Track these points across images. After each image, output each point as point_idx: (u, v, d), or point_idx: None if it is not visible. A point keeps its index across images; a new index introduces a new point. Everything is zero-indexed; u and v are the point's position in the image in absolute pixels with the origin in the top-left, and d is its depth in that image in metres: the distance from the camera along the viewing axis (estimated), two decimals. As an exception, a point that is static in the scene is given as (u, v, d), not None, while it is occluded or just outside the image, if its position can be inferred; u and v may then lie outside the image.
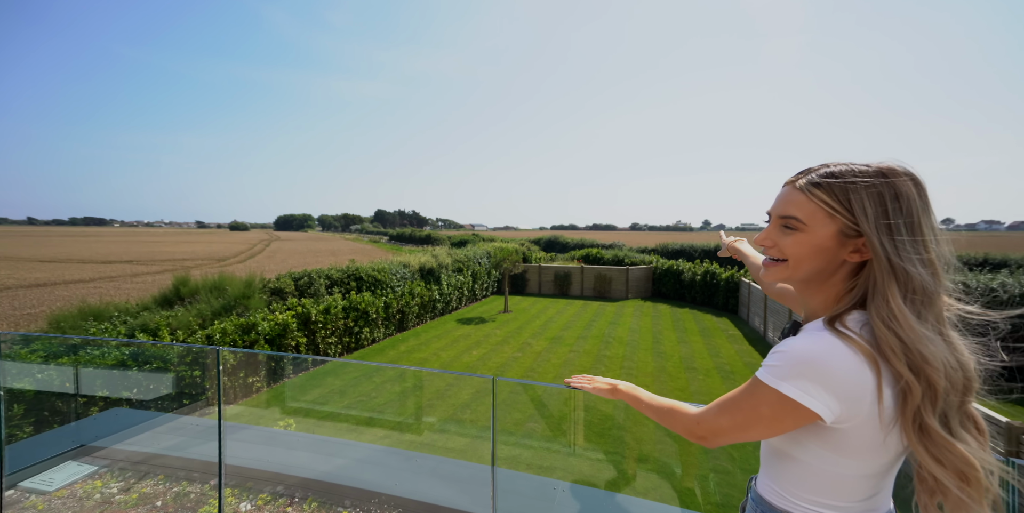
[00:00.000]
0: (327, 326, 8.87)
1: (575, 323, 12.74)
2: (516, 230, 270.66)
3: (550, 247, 31.02)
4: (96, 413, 3.17)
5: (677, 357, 9.51)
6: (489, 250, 17.57)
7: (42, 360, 5.28)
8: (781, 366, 0.66)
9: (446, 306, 13.75)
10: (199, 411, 4.31)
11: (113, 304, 8.65)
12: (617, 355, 9.57)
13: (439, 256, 14.26)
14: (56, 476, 2.25)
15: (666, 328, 12.29)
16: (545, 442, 5.37)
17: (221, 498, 1.70)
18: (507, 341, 10.60)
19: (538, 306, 15.46)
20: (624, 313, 14.36)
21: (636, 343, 10.60)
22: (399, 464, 2.40)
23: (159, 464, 2.34)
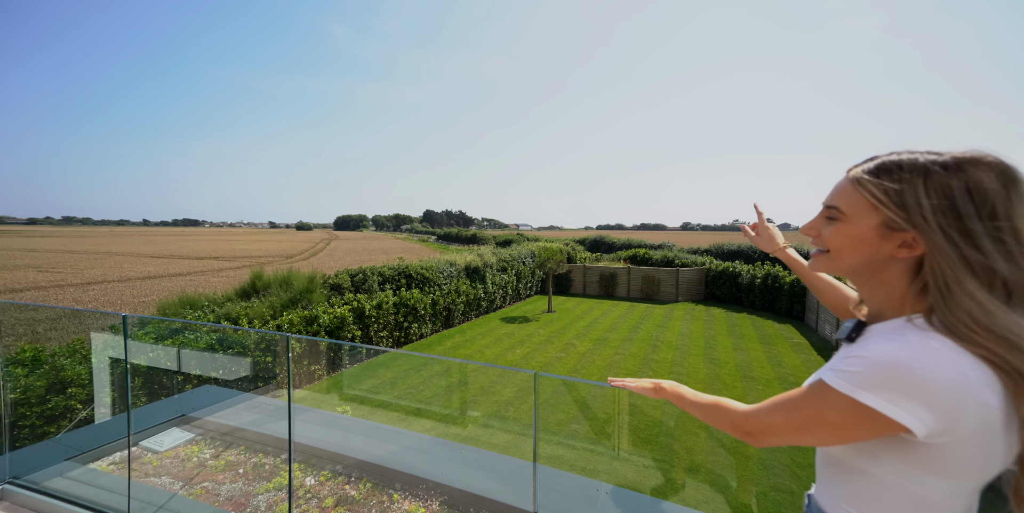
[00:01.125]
0: (379, 320, 9.42)
1: (621, 325, 12.40)
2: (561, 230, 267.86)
3: (595, 247, 30.40)
4: (192, 389, 3.66)
5: (732, 364, 8.92)
6: (533, 250, 17.62)
7: (152, 341, 6.17)
8: (861, 373, 0.60)
9: (490, 304, 14.01)
10: (271, 393, 4.80)
11: (204, 295, 9.85)
12: (666, 359, 9.19)
13: (484, 255, 14.56)
14: (165, 439, 2.65)
15: (720, 333, 11.57)
16: (588, 444, 5.30)
17: (291, 471, 1.90)
18: (550, 341, 10.58)
19: (582, 307, 15.24)
20: (674, 316, 13.72)
21: (687, 348, 10.10)
22: (445, 454, 2.52)
23: (240, 437, 2.66)
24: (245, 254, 37.21)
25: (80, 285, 18.29)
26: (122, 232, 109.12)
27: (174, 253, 37.36)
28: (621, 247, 27.91)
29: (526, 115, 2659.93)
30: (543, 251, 16.12)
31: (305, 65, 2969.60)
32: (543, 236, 42.50)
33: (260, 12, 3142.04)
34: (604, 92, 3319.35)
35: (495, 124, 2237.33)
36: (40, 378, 4.74)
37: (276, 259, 32.52)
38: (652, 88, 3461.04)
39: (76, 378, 4.84)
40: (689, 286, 16.73)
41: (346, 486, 2.23)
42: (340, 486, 2.22)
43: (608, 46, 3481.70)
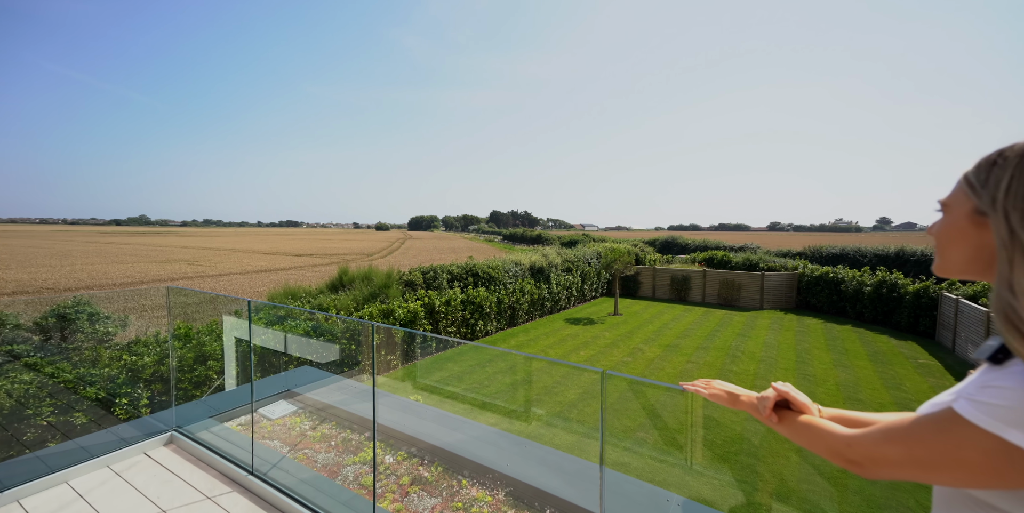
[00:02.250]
0: (448, 316, 9.94)
1: (694, 331, 11.54)
2: (628, 230, 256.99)
3: (667, 248, 28.63)
4: (293, 368, 4.24)
5: (832, 383, 7.80)
6: (599, 250, 17.17)
7: (264, 325, 7.23)
8: (1007, 407, 0.52)
9: (554, 305, 13.97)
10: (355, 377, 5.36)
11: (302, 288, 11.29)
12: (747, 372, 8.35)
13: (549, 256, 14.56)
14: (275, 409, 3.12)
15: (816, 347, 10.19)
16: (657, 453, 5.04)
17: (375, 448, 2.13)
18: (616, 345, 10.23)
19: (651, 310, 14.48)
20: (757, 325, 12.40)
21: (773, 360, 9.06)
22: (510, 447, 2.60)
23: (331, 413, 3.02)
24: (333, 252, 41.75)
25: (214, 276, 22.11)
26: (243, 232, 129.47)
27: (279, 250, 43.29)
28: (696, 249, 25.93)
29: (593, 113, 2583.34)
30: (609, 252, 15.63)
31: (385, 78, 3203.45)
32: (609, 237, 41.13)
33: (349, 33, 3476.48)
34: (675, 87, 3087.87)
35: (561, 123, 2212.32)
36: (190, 351, 5.84)
37: (359, 257, 35.98)
38: (729, 79, 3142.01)
39: (213, 353, 5.87)
40: (776, 292, 14.98)
41: (420, 467, 2.42)
42: (415, 467, 2.42)
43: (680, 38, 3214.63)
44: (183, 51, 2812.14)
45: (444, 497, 2.16)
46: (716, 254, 18.49)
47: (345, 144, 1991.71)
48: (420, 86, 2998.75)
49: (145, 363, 5.29)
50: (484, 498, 2.12)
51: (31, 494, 1.94)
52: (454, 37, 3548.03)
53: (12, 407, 4.18)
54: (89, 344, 5.93)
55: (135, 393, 5.08)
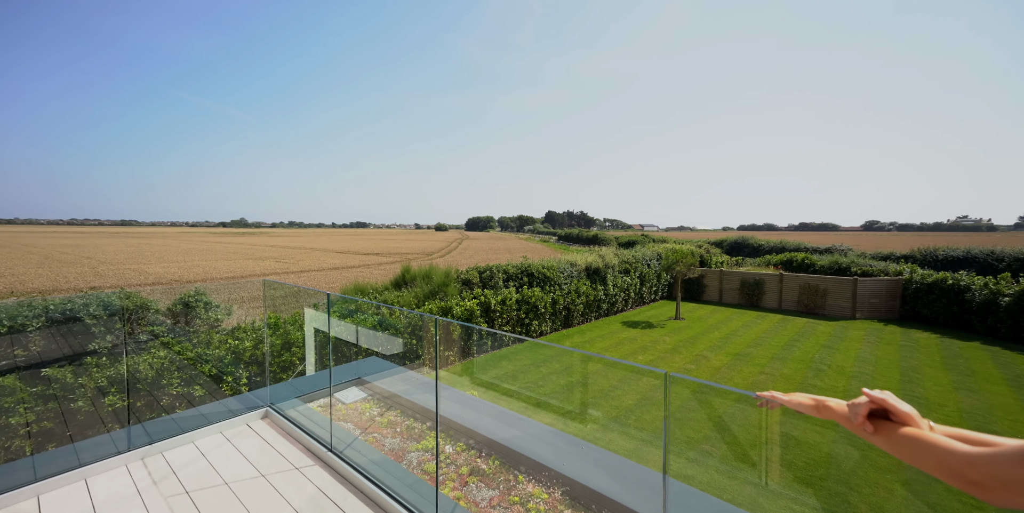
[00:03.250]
0: (503, 315, 10.11)
1: (768, 340, 10.50)
2: (693, 230, 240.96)
3: (736, 250, 26.38)
4: (363, 359, 4.61)
5: (953, 409, 6.63)
6: (660, 251, 16.34)
7: (338, 317, 7.92)
8: None
9: (611, 307, 13.56)
10: (417, 369, 5.67)
11: (369, 284, 12.22)
12: (834, 388, 7.40)
13: (606, 256, 14.18)
14: (348, 394, 3.43)
15: (928, 365, 8.73)
16: (725, 467, 4.68)
17: (437, 438, 2.25)
18: (678, 350, 9.66)
19: (717, 316, 13.43)
20: (848, 336, 10.93)
21: (869, 377, 7.94)
22: (567, 447, 2.58)
23: (396, 402, 3.24)
24: (397, 251, 44.51)
25: (296, 272, 24.77)
26: (320, 232, 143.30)
27: (350, 249, 47.18)
28: (771, 250, 23.56)
29: (653, 109, 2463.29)
30: (671, 253, 14.80)
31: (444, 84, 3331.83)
32: (671, 237, 38.94)
33: (412, 44, 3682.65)
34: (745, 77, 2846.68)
35: (620, 122, 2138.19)
36: (278, 338, 6.60)
37: (419, 256, 37.96)
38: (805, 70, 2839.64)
39: (296, 341, 6.59)
40: (874, 300, 13.09)
41: (478, 459, 2.50)
42: (473, 458, 2.51)
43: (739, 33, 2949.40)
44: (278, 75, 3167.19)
45: (501, 490, 2.21)
46: (796, 256, 16.64)
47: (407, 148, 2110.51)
48: (477, 89, 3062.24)
49: (245, 347, 6.10)
50: (540, 495, 2.13)
51: (170, 449, 2.37)
52: (512, 39, 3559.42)
53: (153, 377, 5.08)
54: (204, 328, 6.99)
55: (237, 372, 5.88)
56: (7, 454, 3.63)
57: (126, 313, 6.05)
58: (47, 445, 3.55)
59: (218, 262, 30.39)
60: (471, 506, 2.09)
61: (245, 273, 23.94)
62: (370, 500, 1.99)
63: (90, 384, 4.64)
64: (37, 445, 3.82)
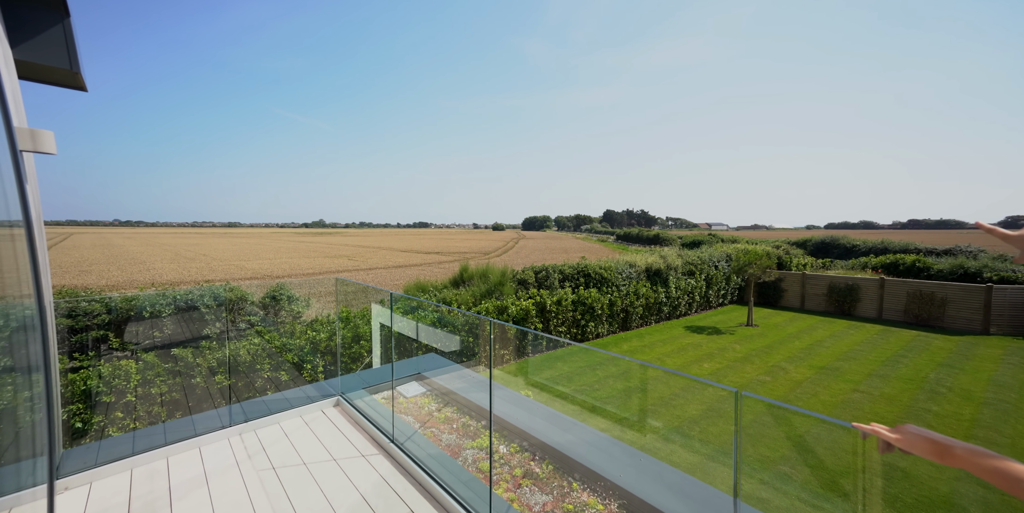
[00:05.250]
0: (559, 316, 10.00)
1: (863, 354, 9.16)
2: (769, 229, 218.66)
3: (823, 251, 23.43)
4: (423, 354, 4.84)
5: (1123, 454, 5.26)
6: (729, 252, 15.05)
7: (401, 314, 8.40)
8: None
9: (673, 310, 12.80)
10: (473, 367, 5.82)
11: (430, 282, 12.81)
12: (958, 415, 6.25)
13: (667, 257, 13.40)
14: (408, 389, 3.62)
15: (1092, 396, 7.00)
16: (808, 495, 4.16)
17: (491, 437, 2.28)
18: (749, 359, 8.82)
19: (797, 324, 12.03)
20: (977, 355, 9.17)
21: (1007, 406, 6.58)
22: (624, 458, 2.47)
23: (453, 399, 3.35)
24: (456, 250, 46.19)
25: (366, 270, 26.82)
26: (386, 232, 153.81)
27: (412, 248, 49.93)
28: (868, 251, 20.54)
29: (723, 103, 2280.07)
30: (742, 254, 13.55)
31: (507, 86, 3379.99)
32: (743, 237, 35.68)
33: (477, 48, 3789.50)
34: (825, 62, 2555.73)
35: (681, 117, 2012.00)
36: (348, 331, 7.18)
37: (477, 255, 39.01)
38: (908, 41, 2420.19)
39: (364, 334, 7.11)
40: (1015, 313, 10.82)
41: (531, 462, 2.49)
42: (526, 461, 2.51)
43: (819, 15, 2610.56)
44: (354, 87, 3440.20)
45: (555, 496, 2.18)
46: (903, 259, 14.32)
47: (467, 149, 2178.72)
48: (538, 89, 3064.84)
49: (321, 338, 6.73)
50: (595, 505, 2.07)
51: (262, 427, 2.71)
52: (574, 37, 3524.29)
53: (248, 361, 5.82)
54: (288, 320, 7.87)
55: (315, 360, 6.51)
56: (149, 417, 4.41)
57: (230, 304, 7.00)
58: (176, 413, 4.23)
59: (300, 259, 33.99)
60: (524, 509, 2.09)
61: (322, 269, 26.48)
62: (427, 493, 2.08)
63: (204, 364, 5.46)
64: (169, 412, 4.58)
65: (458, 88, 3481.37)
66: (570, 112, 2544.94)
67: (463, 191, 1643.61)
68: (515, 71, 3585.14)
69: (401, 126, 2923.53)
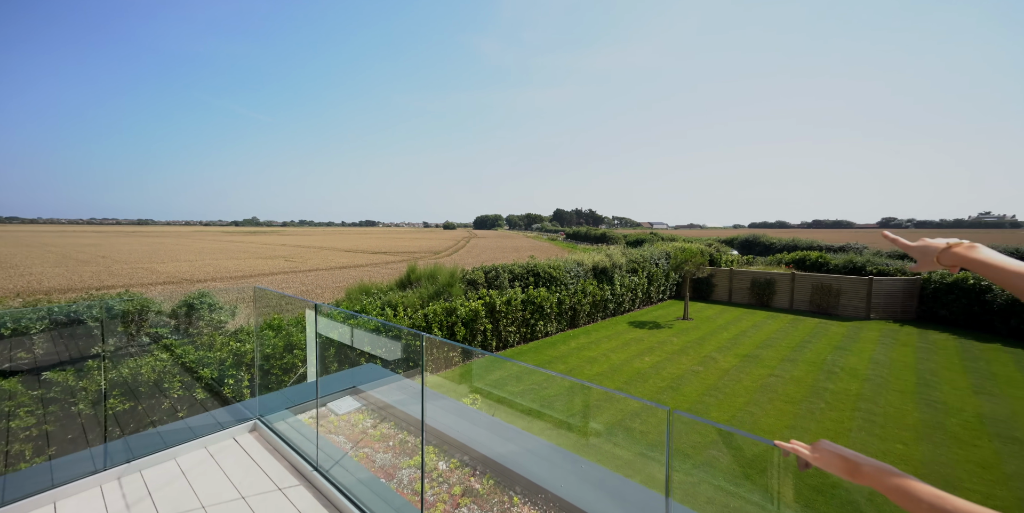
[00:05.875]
0: (508, 316, 9.99)
1: (779, 341, 10.23)
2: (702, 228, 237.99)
3: (747, 248, 25.88)
4: (360, 366, 4.53)
5: (971, 414, 6.35)
6: (668, 250, 16.05)
7: (341, 320, 7.86)
8: None
9: (618, 307, 13.37)
10: (414, 377, 5.59)
11: (375, 284, 12.19)
12: (847, 391, 7.15)
13: (613, 256, 13.96)
14: (342, 405, 3.34)
15: (946, 368, 8.40)
16: (731, 483, 4.50)
17: (423, 453, 2.14)
18: (685, 351, 9.45)
19: (726, 316, 13.15)
20: (862, 338, 10.61)
21: (884, 381, 7.66)
22: (566, 465, 2.45)
23: (391, 413, 3.14)
24: (404, 250, 44.66)
25: (305, 271, 24.96)
26: (329, 231, 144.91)
27: (359, 248, 47.48)
28: (783, 248, 23.04)
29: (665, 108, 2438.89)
30: (680, 252, 14.51)
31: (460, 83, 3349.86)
32: (680, 235, 38.41)
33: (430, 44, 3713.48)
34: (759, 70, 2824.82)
35: (629, 119, 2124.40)
36: (281, 340, 6.56)
37: (426, 254, 38.01)
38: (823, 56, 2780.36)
39: (299, 343, 6.54)
40: (890, 300, 12.69)
41: (471, 478, 2.39)
42: (467, 477, 2.40)
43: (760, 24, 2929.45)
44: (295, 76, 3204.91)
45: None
46: (809, 255, 16.21)
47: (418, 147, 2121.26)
48: (492, 88, 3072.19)
49: (247, 349, 6.08)
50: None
51: (149, 466, 2.30)
52: (526, 38, 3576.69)
53: (153, 381, 5.06)
54: (208, 330, 7.01)
55: (240, 375, 5.85)
56: (6, 459, 3.63)
57: (129, 315, 6.08)
58: (41, 454, 3.53)
59: (228, 261, 30.81)
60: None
61: (255, 272, 24.22)
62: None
63: (91, 388, 4.65)
64: (37, 449, 3.82)
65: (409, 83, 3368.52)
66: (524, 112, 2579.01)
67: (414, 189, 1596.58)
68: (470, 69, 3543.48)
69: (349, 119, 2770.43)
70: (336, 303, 10.93)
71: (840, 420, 6.17)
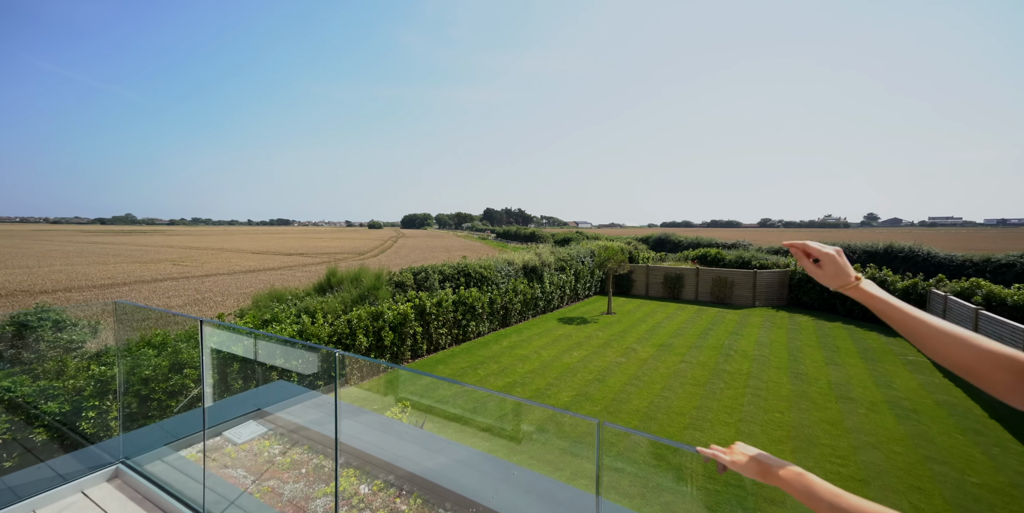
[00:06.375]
0: (439, 318, 9.70)
1: (687, 330, 11.46)
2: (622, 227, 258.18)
3: (660, 246, 28.63)
4: (268, 384, 3.99)
5: (824, 381, 7.74)
6: (593, 249, 17.02)
7: (247, 334, 6.91)
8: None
9: (548, 304, 13.80)
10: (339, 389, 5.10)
11: (289, 289, 10.96)
12: (740, 371, 8.25)
13: (542, 254, 14.37)
14: (243, 431, 2.88)
15: (808, 345, 10.15)
16: (649, 467, 4.88)
17: (337, 477, 1.91)
18: (610, 344, 10.10)
19: (644, 309, 14.39)
20: (749, 323, 12.36)
21: (766, 359, 8.99)
22: (497, 473, 2.40)
23: (305, 435, 2.80)
24: (325, 251, 41.14)
25: (200, 277, 21.57)
26: (233, 231, 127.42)
27: (270, 250, 42.55)
28: (688, 246, 25.94)
29: (589, 112, 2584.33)
30: (603, 250, 15.48)
31: (382, 75, 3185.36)
32: (603, 234, 41.11)
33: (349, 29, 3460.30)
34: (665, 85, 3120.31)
35: (557, 122, 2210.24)
36: (165, 359, 5.52)
37: (350, 256, 35.46)
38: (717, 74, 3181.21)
39: (192, 361, 5.57)
40: (769, 290, 14.98)
41: (397, 499, 2.21)
42: (392, 498, 2.21)
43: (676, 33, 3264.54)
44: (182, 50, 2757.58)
45: (422, 534, 1.96)
46: (709, 252, 18.45)
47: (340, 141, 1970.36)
48: (416, 83, 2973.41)
49: (114, 373, 4.99)
50: (466, 535, 1.92)
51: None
52: (451, 34, 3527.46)
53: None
54: (54, 353, 5.61)
55: (105, 406, 4.78)
56: None
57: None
58: None
59: (91, 267, 25.36)
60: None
61: (129, 279, 20.24)
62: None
63: None
64: None
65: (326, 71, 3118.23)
66: (454, 111, 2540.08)
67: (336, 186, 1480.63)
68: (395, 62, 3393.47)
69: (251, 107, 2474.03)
70: (240, 312, 9.59)
71: (735, 397, 7.08)
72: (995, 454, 5.39)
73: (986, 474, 4.95)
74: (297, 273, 23.45)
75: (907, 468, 5.05)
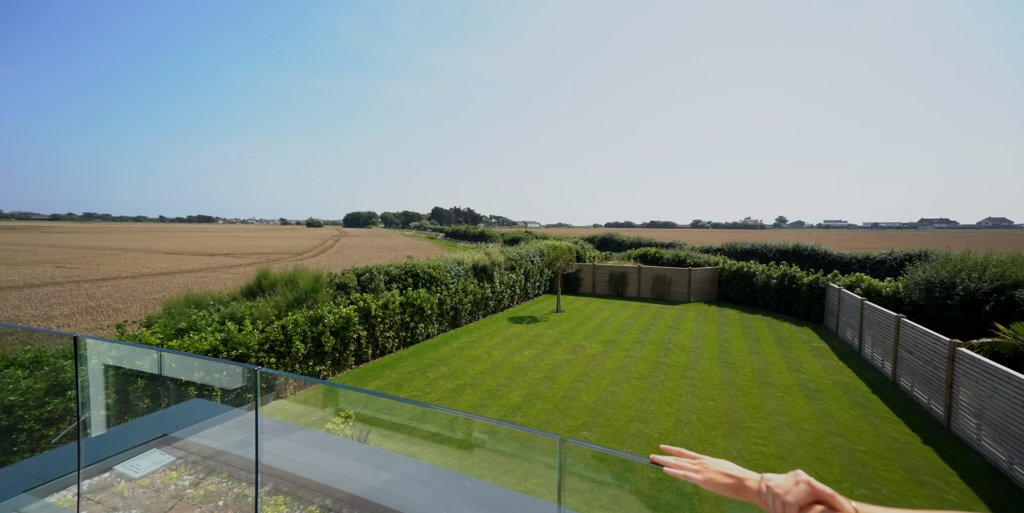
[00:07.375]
0: (385, 320, 9.22)
1: (631, 326, 12.05)
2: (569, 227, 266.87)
3: (605, 245, 29.91)
4: (179, 404, 3.46)
5: (749, 369, 8.54)
6: (542, 248, 17.29)
7: (158, 342, 5.99)
8: None
9: (498, 304, 13.75)
10: (270, 404, 4.59)
11: (210, 294, 9.75)
12: (678, 363, 8.83)
13: (492, 254, 14.28)
14: (142, 463, 2.43)
15: (735, 336, 11.15)
16: (597, 462, 5.01)
17: (258, 509, 1.65)
18: (559, 342, 10.29)
19: (592, 307, 14.91)
20: (686, 317, 13.32)
21: (700, 351, 9.72)
22: (448, 486, 2.25)
23: (224, 461, 2.43)
24: (255, 251, 37.53)
25: (95, 281, 18.52)
26: (139, 228, 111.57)
27: (187, 250, 37.86)
28: (631, 245, 27.39)
29: (534, 111, 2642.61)
30: (552, 250, 15.77)
31: (319, 64, 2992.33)
32: (551, 234, 42.09)
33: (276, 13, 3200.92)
34: (604, 89, 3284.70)
35: (505, 122, 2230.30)
36: (40, 380, 4.59)
37: (285, 256, 32.70)
38: (653, 81, 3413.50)
39: (71, 381, 4.68)
40: (701, 286, 16.27)
41: (335, 525, 1.98)
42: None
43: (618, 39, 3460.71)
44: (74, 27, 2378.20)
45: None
46: (649, 251, 19.60)
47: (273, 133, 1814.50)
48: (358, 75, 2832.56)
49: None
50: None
51: None
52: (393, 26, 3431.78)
53: None
54: None
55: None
56: None
57: None
58: None
59: (-56, 270, 20.71)
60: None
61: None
62: None
63: None
64: None
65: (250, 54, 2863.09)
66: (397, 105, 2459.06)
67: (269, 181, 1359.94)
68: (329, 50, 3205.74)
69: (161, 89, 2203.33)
70: (148, 321, 8.33)
71: (674, 388, 7.53)
72: (877, 424, 6.29)
73: (870, 441, 5.75)
74: (221, 275, 21.09)
75: (814, 442, 5.70)
